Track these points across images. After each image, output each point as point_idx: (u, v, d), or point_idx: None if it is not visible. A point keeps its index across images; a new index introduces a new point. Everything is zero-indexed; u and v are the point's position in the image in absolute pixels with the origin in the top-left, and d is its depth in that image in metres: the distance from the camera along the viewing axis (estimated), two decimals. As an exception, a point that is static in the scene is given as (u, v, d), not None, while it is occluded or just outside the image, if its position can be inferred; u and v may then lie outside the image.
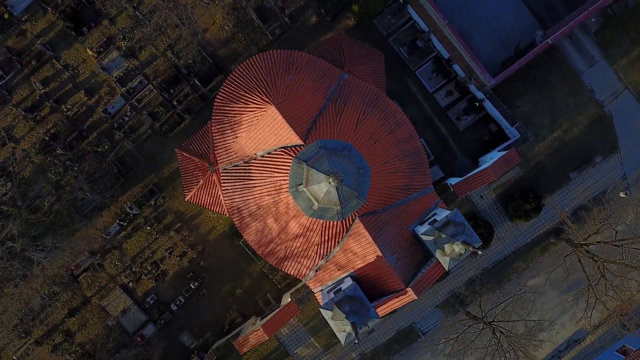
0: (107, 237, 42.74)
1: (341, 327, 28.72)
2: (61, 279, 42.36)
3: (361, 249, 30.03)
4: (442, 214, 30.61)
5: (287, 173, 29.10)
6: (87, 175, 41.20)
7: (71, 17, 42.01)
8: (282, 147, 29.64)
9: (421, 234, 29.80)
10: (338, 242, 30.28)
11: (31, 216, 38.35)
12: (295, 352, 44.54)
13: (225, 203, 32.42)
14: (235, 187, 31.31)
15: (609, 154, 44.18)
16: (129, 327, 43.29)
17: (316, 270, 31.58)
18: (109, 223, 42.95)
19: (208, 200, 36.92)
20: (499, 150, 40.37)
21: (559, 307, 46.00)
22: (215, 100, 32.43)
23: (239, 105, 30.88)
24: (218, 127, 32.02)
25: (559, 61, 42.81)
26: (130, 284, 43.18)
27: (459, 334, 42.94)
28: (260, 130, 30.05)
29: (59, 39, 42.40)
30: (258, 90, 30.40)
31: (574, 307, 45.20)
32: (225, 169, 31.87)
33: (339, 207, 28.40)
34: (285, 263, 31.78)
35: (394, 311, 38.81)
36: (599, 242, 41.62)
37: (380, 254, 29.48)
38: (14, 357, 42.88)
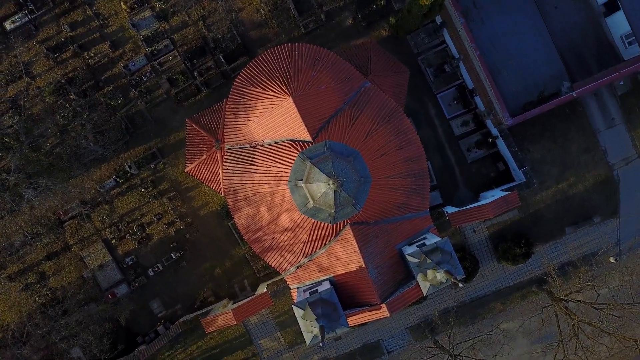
0: (101, 190, 42.83)
1: (309, 328, 28.72)
2: (47, 221, 42.47)
3: (346, 256, 30.05)
4: (432, 239, 30.65)
5: (290, 166, 29.14)
6: (94, 126, 41.29)
7: (113, -33, 42.17)
8: (290, 140, 29.68)
9: (407, 254, 29.82)
10: (325, 244, 30.31)
11: (31, 153, 38.33)
12: (259, 342, 44.58)
13: (224, 182, 32.44)
14: (237, 168, 31.35)
15: (608, 218, 44.17)
16: (103, 283, 43.37)
17: (297, 267, 31.60)
18: (106, 177, 43.03)
19: (207, 176, 36.97)
20: (502, 190, 40.38)
21: (526, 356, 45.98)
22: (236, 79, 32.47)
23: (258, 90, 30.91)
24: (233, 106, 32.06)
25: (579, 115, 42.84)
26: (113, 241, 43.25)
27: (422, 360, 43.05)
28: (273, 118, 30.09)
29: (96, -13, 42.53)
30: (279, 80, 30.42)
31: None
32: (231, 149, 31.90)
33: (332, 211, 28.46)
34: (269, 253, 31.80)
35: (365, 324, 38.95)
36: (580, 301, 41.62)
37: (363, 265, 29.52)
38: (-16, 287, 43.04)
